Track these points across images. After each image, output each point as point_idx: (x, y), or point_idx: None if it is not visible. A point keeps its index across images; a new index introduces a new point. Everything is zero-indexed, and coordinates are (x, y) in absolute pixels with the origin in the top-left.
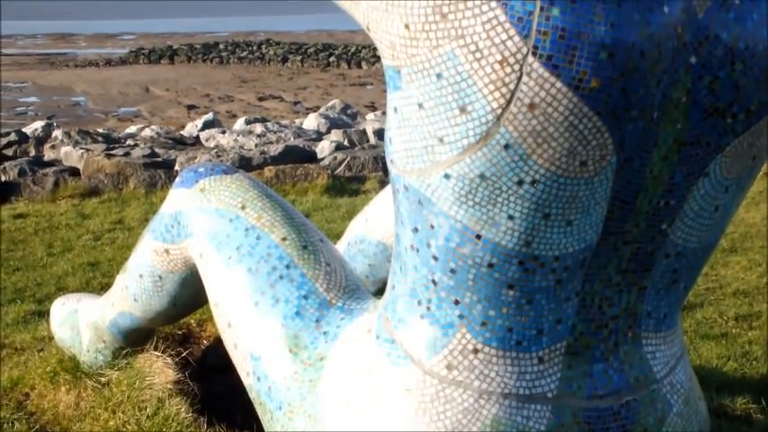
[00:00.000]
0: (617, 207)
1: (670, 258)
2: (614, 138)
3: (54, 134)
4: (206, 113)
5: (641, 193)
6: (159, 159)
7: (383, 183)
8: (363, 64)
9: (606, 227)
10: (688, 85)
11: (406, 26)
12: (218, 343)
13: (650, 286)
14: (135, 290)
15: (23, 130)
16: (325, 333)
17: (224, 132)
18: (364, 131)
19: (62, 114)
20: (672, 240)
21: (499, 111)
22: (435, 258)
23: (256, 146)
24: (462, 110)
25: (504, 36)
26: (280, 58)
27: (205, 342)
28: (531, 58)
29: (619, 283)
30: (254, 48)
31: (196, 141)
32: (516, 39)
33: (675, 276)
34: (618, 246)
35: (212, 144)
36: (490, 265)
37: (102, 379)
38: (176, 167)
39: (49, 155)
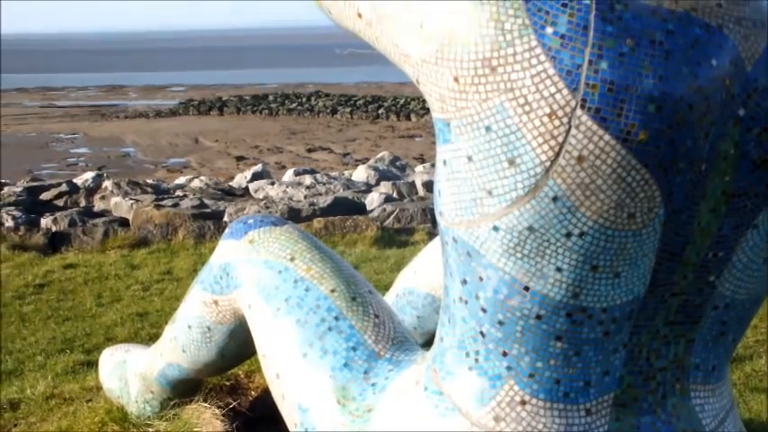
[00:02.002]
0: (665, 259)
1: (718, 310)
2: (662, 190)
3: (104, 185)
4: (255, 165)
5: (689, 244)
6: (208, 210)
7: (432, 234)
8: (412, 116)
9: (654, 279)
10: (736, 138)
11: (456, 79)
12: (266, 394)
13: (698, 338)
14: (183, 341)
15: (74, 180)
16: (373, 385)
17: (273, 184)
18: (413, 183)
19: (112, 165)
20: (720, 292)
21: (548, 163)
22: (484, 310)
23: (305, 197)
24: (511, 162)
25: (552, 89)
26: (329, 110)
27: (253, 393)
28: (579, 111)
29: (666, 334)
30: (304, 99)
31: (245, 192)
32: (565, 92)
33: (724, 328)
34: (666, 298)
35: (261, 195)
36: (538, 317)
37: (150, 430)
38: (225, 218)
39: (98, 205)
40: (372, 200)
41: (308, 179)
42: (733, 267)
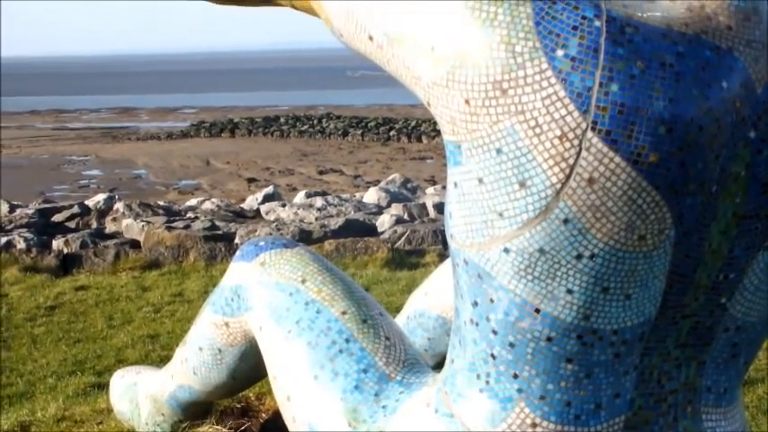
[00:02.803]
0: (676, 281)
1: (730, 332)
2: (673, 212)
3: (115, 207)
4: (266, 186)
5: (700, 266)
6: (219, 232)
7: (443, 256)
8: (424, 138)
9: (665, 301)
10: (747, 159)
11: (467, 102)
12: (277, 416)
13: (710, 360)
14: (194, 363)
15: (86, 202)
16: (384, 407)
17: (284, 206)
18: (424, 205)
19: (124, 187)
20: (731, 314)
21: (558, 185)
22: (494, 332)
23: (317, 219)
24: (522, 185)
25: (563, 111)
26: (340, 132)
27: (264, 415)
28: (590, 134)
29: (678, 357)
30: (315, 121)
31: (256, 214)
32: (575, 114)
33: (735, 351)
34: (677, 319)
35: (272, 217)
36: (549, 339)
37: None
38: (236, 240)
39: (110, 227)
40: (383, 222)
41: (319, 201)
42: (744, 289)
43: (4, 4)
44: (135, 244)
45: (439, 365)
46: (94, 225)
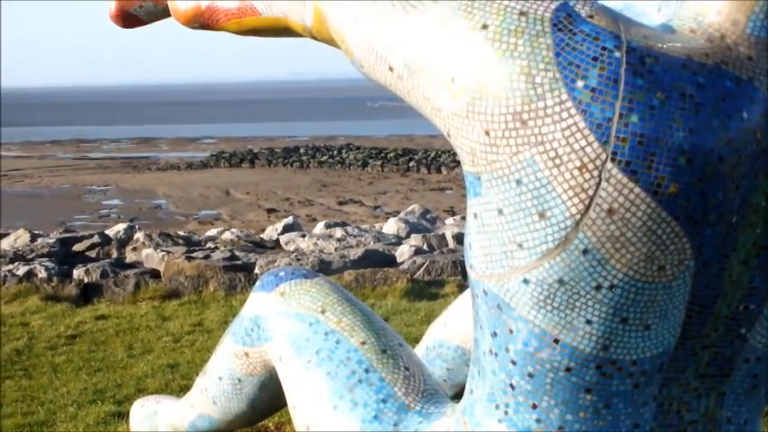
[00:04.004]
0: (695, 311)
1: (750, 363)
2: (693, 242)
3: (136, 236)
4: (286, 217)
5: (720, 297)
6: (239, 262)
7: (462, 287)
8: (443, 169)
9: (684, 331)
10: (767, 190)
11: (487, 132)
12: None
13: (730, 391)
14: (214, 392)
15: (106, 232)
16: None
17: (304, 236)
18: (443, 236)
19: (144, 217)
20: (751, 345)
21: (578, 216)
22: (513, 363)
23: (336, 250)
24: (541, 215)
25: (583, 142)
26: (360, 163)
27: None
28: (609, 164)
29: (697, 387)
30: (335, 152)
31: (276, 245)
32: (595, 145)
33: (755, 381)
34: (696, 350)
35: (292, 247)
36: (568, 369)
37: None
38: (256, 270)
39: (130, 257)
40: (403, 252)
41: (338, 232)
42: (764, 320)
43: (26, 35)
44: (155, 274)
45: (458, 396)
46: (115, 255)
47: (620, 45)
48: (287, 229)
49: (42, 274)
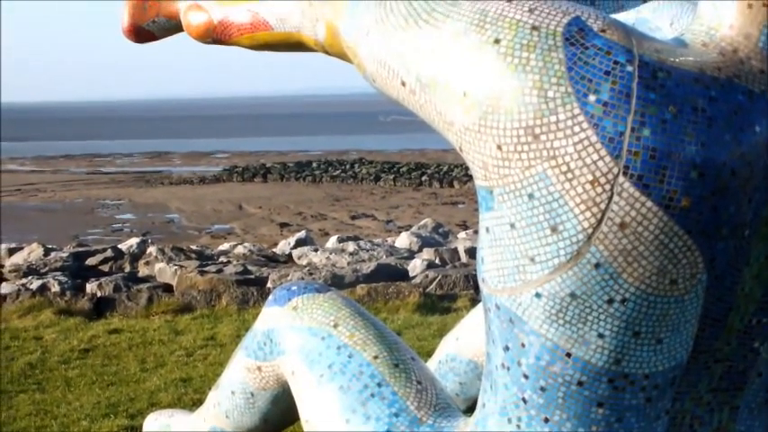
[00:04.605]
0: (708, 325)
1: (763, 377)
2: (705, 256)
3: (148, 251)
4: (299, 231)
5: (732, 310)
6: (252, 276)
7: (474, 301)
8: (455, 183)
9: (697, 345)
10: None
11: (499, 147)
12: None
13: (743, 405)
14: (227, 406)
15: (119, 246)
16: None
17: (316, 250)
18: (456, 250)
19: (156, 231)
20: (765, 358)
21: (590, 230)
22: (526, 376)
23: (348, 264)
24: (554, 229)
25: (595, 156)
26: (372, 177)
27: None
28: (621, 178)
29: (710, 401)
30: (347, 166)
31: (288, 259)
32: (607, 159)
33: None
34: (709, 364)
35: (305, 262)
36: (580, 383)
37: None
38: (269, 285)
39: (143, 271)
40: (415, 266)
41: (351, 246)
42: None
43: (41, 51)
44: (168, 288)
45: (470, 410)
46: (127, 269)
47: (632, 59)
48: (299, 243)
49: (55, 288)
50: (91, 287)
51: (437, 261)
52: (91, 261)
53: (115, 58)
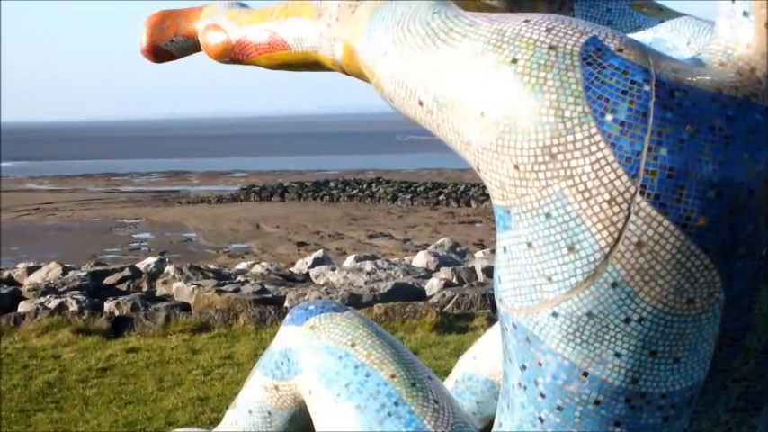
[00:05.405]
0: (725, 344)
1: None
2: (722, 275)
3: (166, 270)
4: (316, 250)
5: (750, 330)
6: (269, 296)
7: (491, 320)
8: (473, 202)
9: (714, 364)
10: None
11: (516, 167)
12: None
13: (761, 425)
14: (244, 425)
15: (137, 265)
16: None
17: (334, 269)
18: (473, 269)
19: (174, 250)
20: None
21: (607, 249)
22: (542, 396)
23: (366, 283)
24: (571, 249)
25: (612, 176)
26: (389, 197)
27: None
28: (639, 198)
29: (728, 421)
30: (364, 186)
31: (306, 278)
32: (624, 178)
33: None
34: (726, 383)
35: (322, 281)
36: (597, 403)
37: None
38: (286, 304)
39: (160, 290)
40: (432, 285)
41: (368, 265)
42: None
43: (59, 71)
44: (185, 307)
45: (487, 429)
46: (145, 288)
47: (649, 79)
48: (317, 262)
49: (73, 306)
50: (109, 306)
51: (454, 280)
52: (109, 280)
53: (133, 78)
